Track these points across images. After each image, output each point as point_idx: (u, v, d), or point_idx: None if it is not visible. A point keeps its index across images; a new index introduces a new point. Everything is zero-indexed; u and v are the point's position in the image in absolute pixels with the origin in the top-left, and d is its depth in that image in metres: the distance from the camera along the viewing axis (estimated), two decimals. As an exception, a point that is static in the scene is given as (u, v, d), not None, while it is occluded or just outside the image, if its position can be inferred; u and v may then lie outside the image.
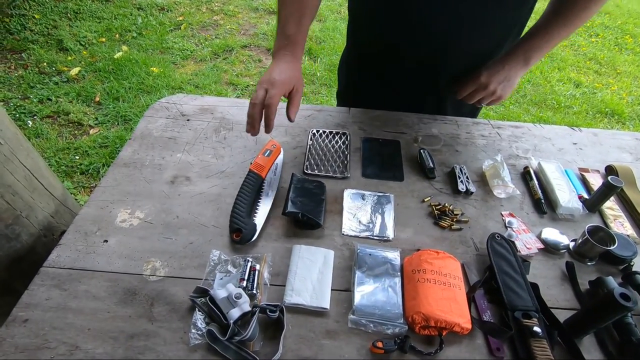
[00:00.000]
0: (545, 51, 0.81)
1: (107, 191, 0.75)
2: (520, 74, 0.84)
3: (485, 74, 0.83)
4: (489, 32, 0.82)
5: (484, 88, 0.84)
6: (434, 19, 0.79)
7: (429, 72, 0.90)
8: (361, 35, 0.95)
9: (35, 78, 2.38)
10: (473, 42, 0.83)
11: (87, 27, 2.85)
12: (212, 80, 2.55)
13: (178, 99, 0.98)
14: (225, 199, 0.75)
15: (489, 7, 0.75)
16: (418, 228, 0.74)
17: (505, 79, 0.83)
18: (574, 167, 0.88)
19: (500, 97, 0.86)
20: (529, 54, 0.81)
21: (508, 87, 0.84)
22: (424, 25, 0.80)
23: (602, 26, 3.77)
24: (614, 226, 0.75)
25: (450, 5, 0.76)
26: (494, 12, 0.77)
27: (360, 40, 0.96)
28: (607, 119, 2.69)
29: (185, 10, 3.22)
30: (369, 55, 0.94)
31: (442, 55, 0.86)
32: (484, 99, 0.87)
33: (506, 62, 0.82)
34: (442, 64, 0.88)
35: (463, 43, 0.82)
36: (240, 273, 0.63)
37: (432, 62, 0.87)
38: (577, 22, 0.78)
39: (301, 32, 0.76)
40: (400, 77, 0.94)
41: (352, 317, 0.59)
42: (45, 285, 0.60)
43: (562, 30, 0.78)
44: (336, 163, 0.85)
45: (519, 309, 0.60)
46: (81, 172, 1.92)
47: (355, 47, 0.99)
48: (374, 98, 1.00)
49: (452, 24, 0.79)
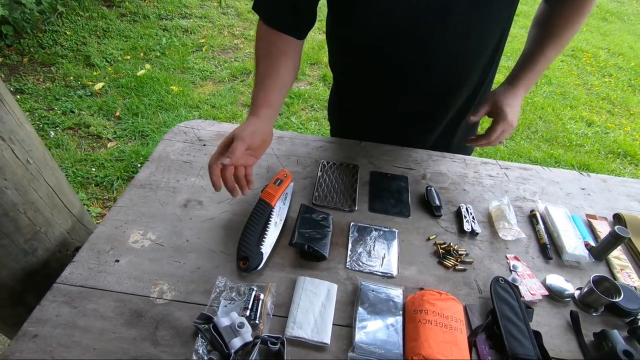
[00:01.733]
0: (542, 73, 0.84)
1: (123, 211, 0.78)
2: (522, 100, 0.85)
3: (509, 112, 0.81)
4: (479, 30, 0.77)
5: (511, 127, 0.83)
6: (420, 16, 0.74)
7: (415, 86, 0.86)
8: (342, 57, 0.93)
9: (61, 91, 2.50)
10: (461, 43, 0.78)
11: (114, 45, 2.99)
12: (228, 101, 2.63)
13: (196, 124, 1.02)
14: (234, 225, 0.77)
15: (481, 6, 0.73)
16: (422, 266, 0.74)
17: (518, 109, 0.84)
18: (582, 213, 0.88)
19: (514, 128, 0.85)
20: (534, 80, 0.83)
21: (518, 115, 0.85)
22: (409, 25, 0.75)
23: (615, 67, 3.80)
24: (620, 277, 0.75)
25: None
26: (484, 10, 0.74)
27: (341, 66, 0.95)
28: (619, 159, 2.67)
29: (207, 33, 3.36)
30: (353, 87, 0.96)
31: (427, 60, 0.81)
32: (504, 134, 0.85)
33: (518, 94, 0.82)
34: (429, 72, 0.83)
35: (450, 44, 0.78)
36: (244, 302, 0.64)
37: (417, 70, 0.83)
38: (568, 39, 0.80)
39: (268, 97, 0.75)
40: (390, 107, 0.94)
41: (352, 354, 0.59)
42: (57, 302, 0.62)
43: (555, 50, 0.80)
44: (344, 196, 0.86)
45: (520, 357, 0.59)
46: (96, 184, 1.97)
47: (339, 82, 1.01)
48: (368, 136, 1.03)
49: (439, 19, 0.73)
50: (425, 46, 0.78)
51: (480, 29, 0.77)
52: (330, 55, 0.96)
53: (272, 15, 0.76)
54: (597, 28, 4.56)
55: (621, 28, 4.71)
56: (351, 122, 1.07)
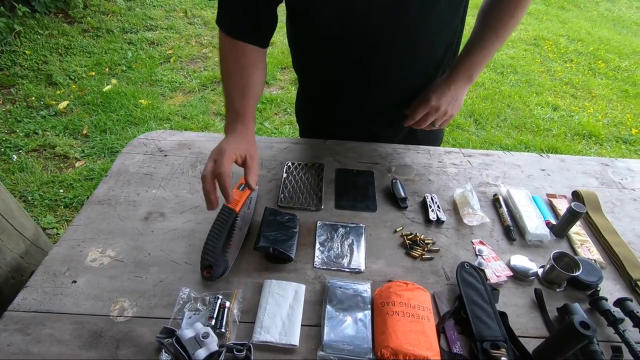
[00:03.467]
0: (484, 65, 0.85)
1: (80, 230, 0.75)
2: (465, 91, 0.87)
3: (434, 96, 0.84)
4: (431, 26, 0.78)
5: (436, 110, 0.85)
6: (372, 15, 0.74)
7: (372, 89, 0.88)
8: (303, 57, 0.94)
9: (22, 112, 2.40)
10: (414, 40, 0.79)
11: (77, 62, 2.91)
12: (199, 111, 2.59)
13: (157, 135, 1.00)
14: (198, 235, 0.75)
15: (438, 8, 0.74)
16: (390, 259, 0.74)
17: (453, 98, 0.85)
18: (542, 194, 0.91)
19: (451, 116, 0.88)
20: (471, 71, 0.84)
21: (456, 105, 0.87)
22: (365, 25, 0.76)
23: (575, 52, 3.95)
24: (581, 251, 0.77)
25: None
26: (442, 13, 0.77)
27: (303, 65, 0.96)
28: (585, 140, 2.77)
29: (175, 44, 3.31)
30: (317, 88, 0.97)
31: (383, 63, 0.82)
32: (437, 121, 0.88)
33: (451, 83, 0.84)
34: (384, 76, 0.85)
35: (404, 42, 0.78)
36: (209, 311, 0.62)
37: (373, 76, 0.85)
38: (508, 31, 0.81)
39: (249, 105, 0.76)
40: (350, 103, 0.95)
41: (321, 353, 0.59)
42: (8, 330, 0.59)
43: (495, 42, 0.82)
44: (310, 195, 0.86)
45: (487, 339, 0.60)
46: (65, 205, 1.90)
47: (303, 84, 1.02)
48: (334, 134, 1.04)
49: (392, 17, 0.74)
50: (380, 45, 0.79)
51: (432, 25, 0.78)
52: (292, 57, 0.97)
53: (234, 28, 0.76)
54: (556, 16, 4.74)
55: (578, 15, 4.91)
56: (318, 122, 1.07)
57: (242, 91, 0.76)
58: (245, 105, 0.76)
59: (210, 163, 0.67)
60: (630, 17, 5.09)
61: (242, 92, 0.76)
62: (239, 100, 0.76)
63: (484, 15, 0.82)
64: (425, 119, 0.88)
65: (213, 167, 0.66)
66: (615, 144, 2.77)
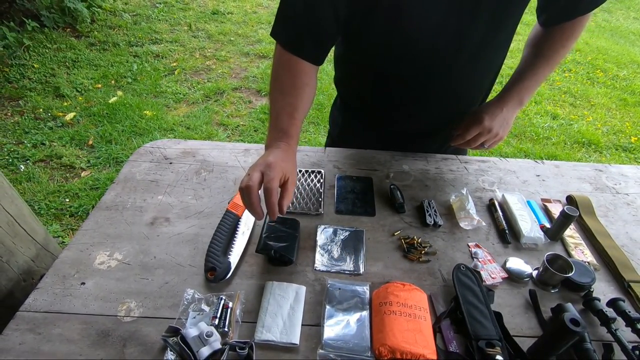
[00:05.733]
0: (534, 90, 0.87)
1: (88, 234, 0.78)
2: (515, 114, 0.88)
3: (487, 117, 0.85)
4: (488, 58, 0.83)
5: (488, 131, 0.85)
6: (437, 42, 0.76)
7: (419, 110, 0.92)
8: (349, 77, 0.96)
9: (30, 124, 2.46)
10: (471, 67, 0.81)
11: (84, 75, 2.98)
12: (203, 122, 2.64)
13: (162, 144, 1.04)
14: (202, 239, 0.78)
15: (490, 30, 0.76)
16: (388, 261, 0.77)
17: (505, 120, 0.86)
18: (537, 198, 0.93)
19: (501, 138, 0.89)
20: (522, 95, 0.86)
21: (507, 128, 0.88)
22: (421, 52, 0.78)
23: (573, 62, 4.00)
24: (575, 254, 0.79)
25: (450, 26, 0.74)
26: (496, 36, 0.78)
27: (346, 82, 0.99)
28: (584, 148, 2.80)
29: (179, 56, 3.39)
30: (358, 107, 0.99)
31: (434, 82, 0.84)
32: (487, 142, 0.88)
33: (503, 105, 0.86)
34: (432, 95, 0.87)
35: (462, 68, 0.81)
36: (213, 311, 0.64)
37: (421, 95, 0.87)
38: (559, 60, 0.84)
39: (295, 125, 0.74)
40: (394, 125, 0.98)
41: (321, 351, 0.60)
42: (20, 330, 0.61)
43: (546, 69, 0.85)
44: (311, 200, 0.89)
45: (482, 338, 0.62)
46: (70, 214, 1.94)
47: (343, 99, 1.03)
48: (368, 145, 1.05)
49: (455, 44, 0.76)
50: (440, 72, 0.81)
51: (489, 53, 0.81)
52: (337, 74, 0.99)
53: (294, 43, 0.75)
54: (553, 27, 4.81)
55: (576, 26, 4.98)
56: (350, 133, 1.08)
57: (291, 111, 0.74)
58: (292, 125, 0.74)
59: (256, 174, 0.62)
60: (628, 27, 5.16)
61: (291, 112, 0.74)
62: (287, 119, 0.74)
63: (536, 44, 0.85)
64: (476, 140, 0.88)
65: (260, 179, 0.63)
66: (615, 151, 2.79)
